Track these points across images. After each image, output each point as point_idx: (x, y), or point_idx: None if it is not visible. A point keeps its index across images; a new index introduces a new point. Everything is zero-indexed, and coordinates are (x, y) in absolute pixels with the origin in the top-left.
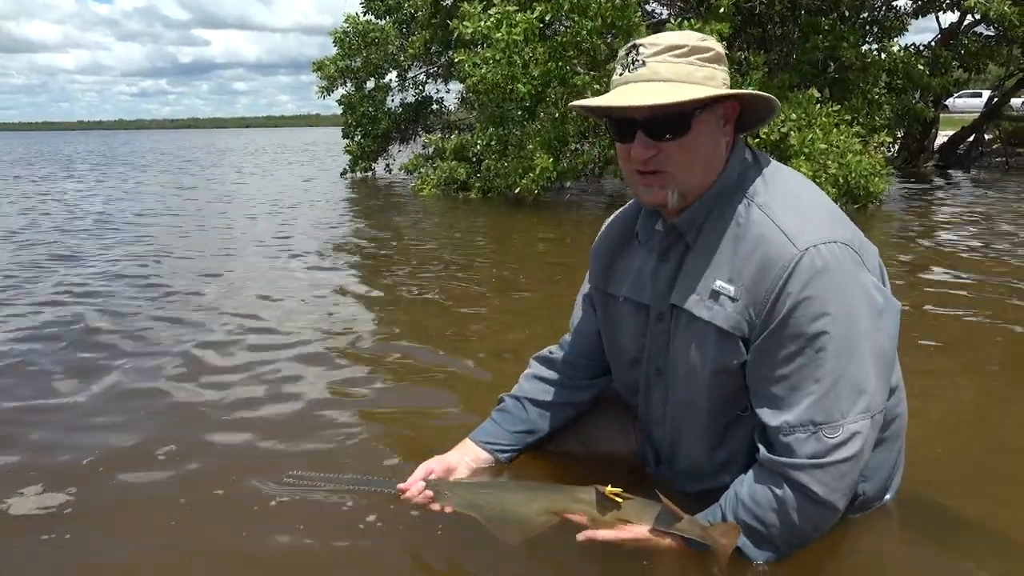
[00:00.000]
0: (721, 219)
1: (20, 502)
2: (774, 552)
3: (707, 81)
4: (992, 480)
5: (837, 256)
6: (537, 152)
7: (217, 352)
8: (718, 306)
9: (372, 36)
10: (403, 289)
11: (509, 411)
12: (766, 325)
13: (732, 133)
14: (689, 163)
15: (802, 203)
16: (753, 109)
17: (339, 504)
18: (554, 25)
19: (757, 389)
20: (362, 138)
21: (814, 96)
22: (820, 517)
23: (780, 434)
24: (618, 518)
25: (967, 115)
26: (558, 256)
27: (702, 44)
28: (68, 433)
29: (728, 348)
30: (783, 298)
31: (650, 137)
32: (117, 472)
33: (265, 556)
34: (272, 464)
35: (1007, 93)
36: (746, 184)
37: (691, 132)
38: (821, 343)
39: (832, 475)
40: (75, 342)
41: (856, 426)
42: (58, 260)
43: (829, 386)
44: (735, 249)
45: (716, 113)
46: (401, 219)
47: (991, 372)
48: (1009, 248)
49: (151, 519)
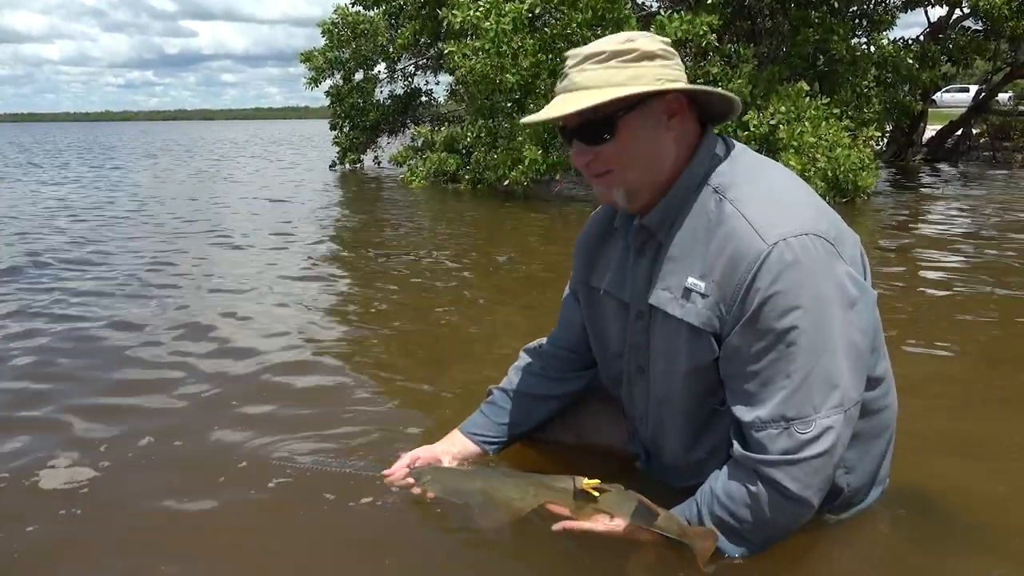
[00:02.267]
0: (692, 215)
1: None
2: (749, 547)
3: (631, 82)
4: (982, 473)
5: (808, 248)
6: (526, 144)
7: (203, 339)
8: (690, 303)
9: (361, 27)
10: (391, 280)
11: (497, 403)
12: (736, 320)
13: (688, 126)
14: (627, 164)
15: (774, 194)
16: (708, 101)
17: (324, 489)
18: (544, 17)
19: (730, 385)
20: (350, 130)
21: (803, 89)
22: (793, 513)
23: (752, 430)
24: (595, 509)
25: (954, 110)
26: (546, 248)
27: (623, 47)
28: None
29: (701, 345)
30: (752, 293)
31: (583, 143)
32: (97, 462)
33: (248, 541)
34: (260, 450)
35: (995, 88)
36: (716, 178)
37: (619, 134)
38: (792, 338)
39: (805, 471)
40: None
41: (829, 421)
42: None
43: (800, 381)
44: (706, 245)
45: (650, 110)
46: (390, 211)
47: (980, 363)
48: (996, 240)
49: (135, 509)
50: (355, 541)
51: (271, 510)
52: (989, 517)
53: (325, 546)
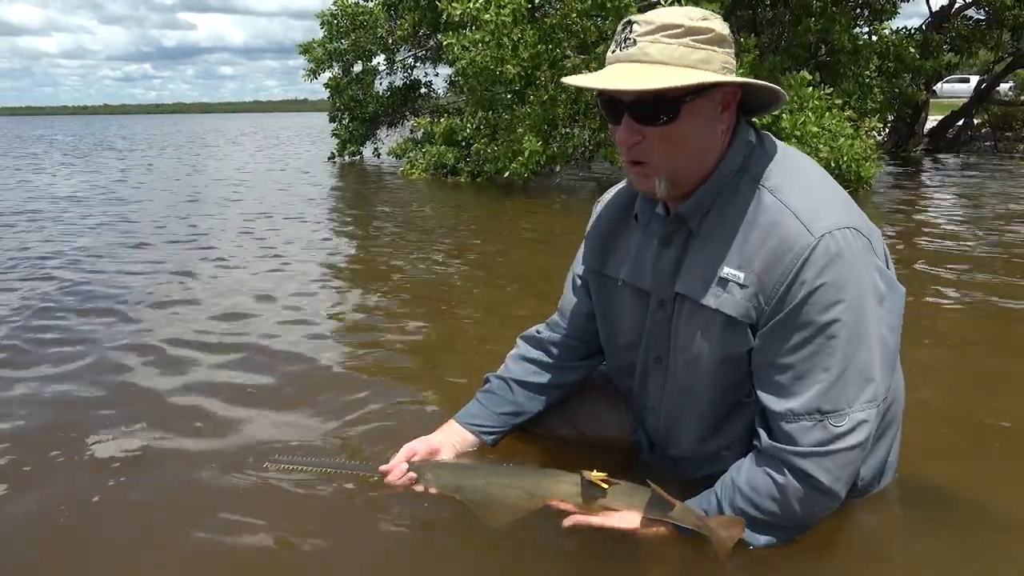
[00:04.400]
0: (729, 205)
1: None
2: (771, 539)
3: (702, 65)
4: (989, 462)
5: (851, 242)
6: (526, 136)
7: (198, 333)
8: (726, 293)
9: (360, 19)
10: (389, 272)
11: (495, 392)
12: (776, 312)
13: (733, 118)
14: (674, 154)
15: (813, 186)
16: (756, 95)
17: (321, 488)
18: (544, 7)
19: (761, 376)
20: (350, 122)
21: (806, 79)
22: (821, 505)
23: (783, 421)
24: (604, 504)
25: (954, 100)
26: (547, 239)
27: (701, 24)
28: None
29: (735, 336)
30: (797, 285)
31: (637, 121)
32: (90, 458)
33: (244, 540)
34: (255, 448)
35: (996, 78)
36: (753, 168)
37: (679, 119)
38: (833, 331)
39: (838, 463)
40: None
41: (863, 415)
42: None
43: (838, 375)
44: (745, 235)
45: (711, 99)
46: (390, 203)
47: (985, 352)
48: (998, 229)
49: (131, 508)
50: (352, 540)
51: (267, 512)
52: (994, 508)
53: (323, 545)
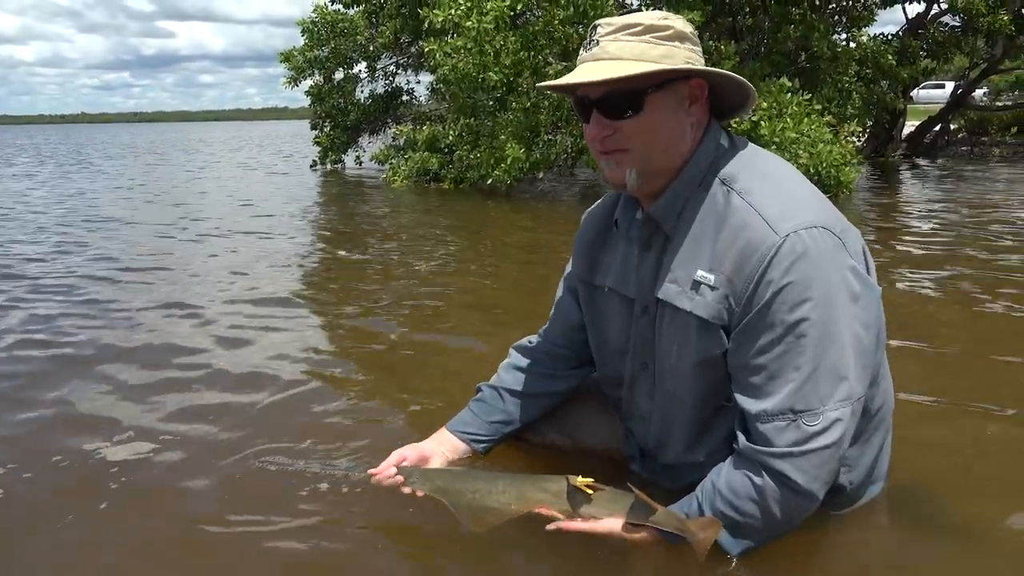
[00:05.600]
0: (699, 206)
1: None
2: (750, 543)
3: (663, 59)
4: (980, 470)
5: (818, 240)
6: (509, 143)
7: (185, 340)
8: (699, 296)
9: (340, 26)
10: (375, 281)
11: (486, 401)
12: (746, 312)
13: (703, 115)
14: (646, 143)
15: (782, 187)
16: (724, 92)
17: (310, 489)
18: (526, 14)
19: (736, 378)
20: (331, 129)
21: (785, 85)
22: (798, 506)
23: (759, 422)
24: (588, 510)
25: (930, 106)
26: (531, 246)
27: (660, 23)
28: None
29: (710, 338)
30: (764, 285)
31: (604, 116)
32: (85, 460)
33: (235, 540)
34: (245, 450)
35: (972, 83)
36: (723, 170)
37: (645, 110)
38: (802, 330)
39: (812, 463)
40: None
41: (837, 413)
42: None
43: (809, 373)
44: (715, 237)
45: (676, 92)
46: (373, 211)
47: (971, 356)
48: (975, 231)
49: (120, 512)
50: (340, 541)
51: (256, 511)
52: (985, 514)
53: (310, 546)
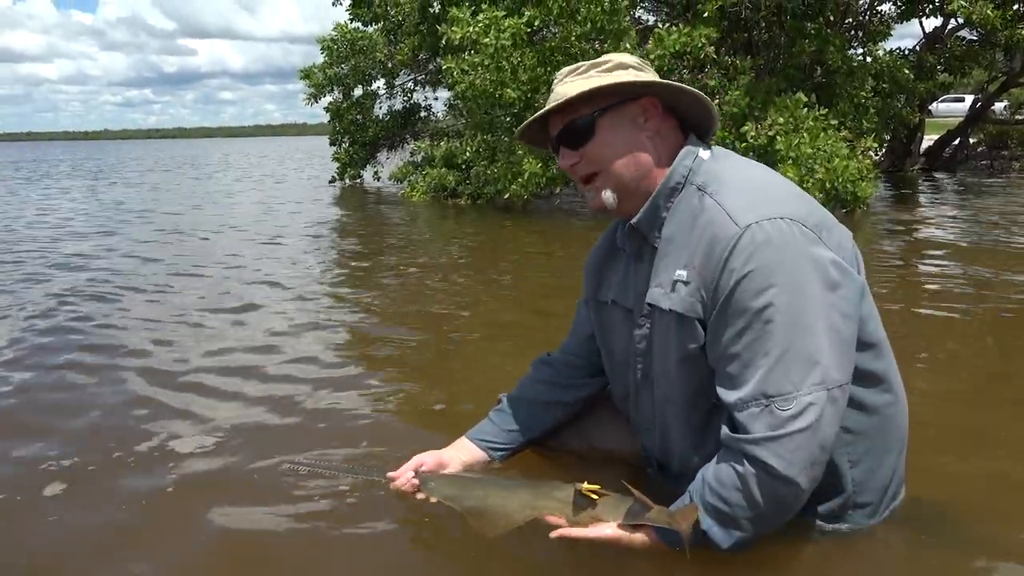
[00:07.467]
0: (678, 213)
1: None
2: (741, 534)
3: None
4: (999, 489)
5: (782, 230)
6: (526, 158)
7: (204, 350)
8: (675, 293)
9: (359, 44)
10: (394, 293)
11: (505, 410)
12: (715, 303)
13: (664, 128)
14: (610, 160)
15: (752, 185)
16: (686, 108)
17: (331, 491)
18: (543, 31)
19: (716, 370)
20: (350, 145)
21: (801, 100)
22: (781, 494)
23: (736, 411)
24: (593, 516)
25: (949, 119)
26: (548, 261)
27: (600, 60)
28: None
29: (688, 332)
30: (727, 274)
31: (567, 147)
32: (104, 461)
33: (249, 542)
34: (266, 455)
35: (991, 97)
36: (700, 179)
37: (598, 133)
38: (768, 315)
39: (787, 448)
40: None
41: (810, 397)
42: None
43: (777, 358)
44: (689, 238)
45: (625, 112)
46: (391, 226)
47: (991, 376)
48: (995, 246)
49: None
50: (355, 543)
51: (275, 512)
52: (999, 524)
53: (326, 546)
